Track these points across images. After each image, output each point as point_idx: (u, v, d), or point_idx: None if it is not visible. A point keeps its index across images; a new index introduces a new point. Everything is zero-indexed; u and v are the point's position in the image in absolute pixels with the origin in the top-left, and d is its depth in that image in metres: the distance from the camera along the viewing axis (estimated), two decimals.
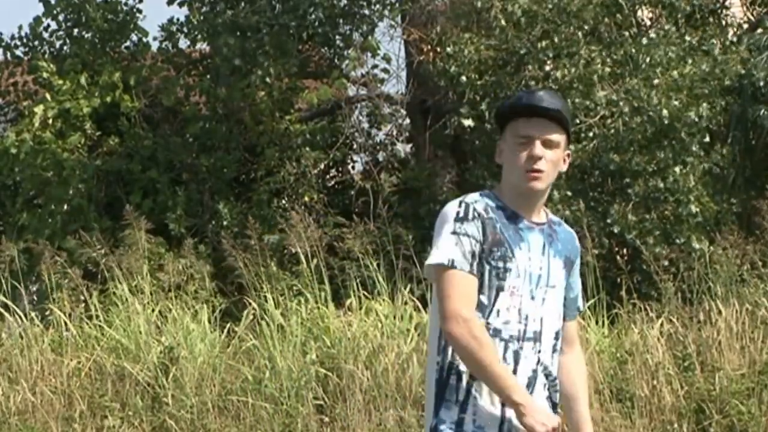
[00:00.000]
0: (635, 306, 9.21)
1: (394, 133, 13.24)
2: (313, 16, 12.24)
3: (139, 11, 13.53)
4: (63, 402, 9.29)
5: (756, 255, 9.43)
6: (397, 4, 12.40)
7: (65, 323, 9.84)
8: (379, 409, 8.71)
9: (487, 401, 3.73)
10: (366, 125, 13.15)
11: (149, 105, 12.97)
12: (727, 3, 12.56)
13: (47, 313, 10.12)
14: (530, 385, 3.76)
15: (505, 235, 3.75)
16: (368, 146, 13.09)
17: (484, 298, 3.74)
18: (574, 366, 4.00)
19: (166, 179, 12.43)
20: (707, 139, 11.10)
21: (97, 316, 9.86)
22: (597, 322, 9.24)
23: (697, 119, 10.84)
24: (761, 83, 11.19)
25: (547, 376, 3.82)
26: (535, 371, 3.78)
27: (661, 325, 8.95)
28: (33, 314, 10.05)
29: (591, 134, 10.99)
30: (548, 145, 3.76)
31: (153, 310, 9.73)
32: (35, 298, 11.32)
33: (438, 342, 3.77)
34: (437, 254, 3.73)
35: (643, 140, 10.90)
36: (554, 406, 3.86)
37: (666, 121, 10.72)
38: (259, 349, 9.29)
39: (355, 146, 13.13)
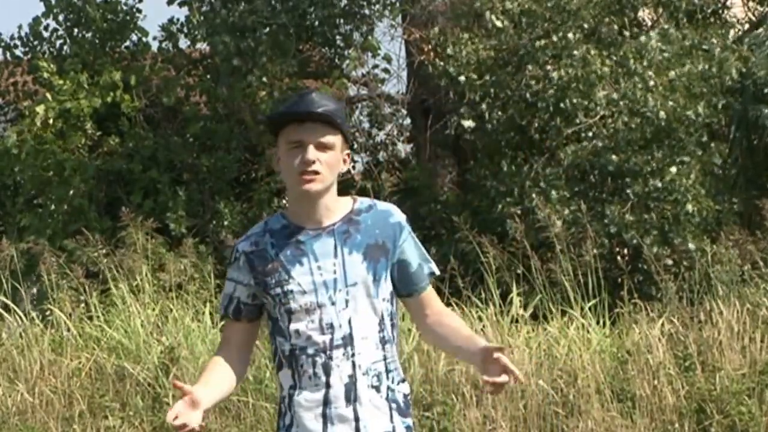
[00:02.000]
0: (636, 306, 9.21)
1: (395, 133, 13.23)
2: (313, 16, 12.24)
3: (139, 11, 13.54)
4: (63, 402, 9.28)
5: (757, 255, 9.43)
6: (397, 4, 12.41)
7: (65, 323, 9.84)
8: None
9: (308, 421, 3.79)
10: (366, 125, 13.15)
11: (150, 105, 12.97)
12: (728, 3, 12.57)
13: (47, 313, 10.12)
14: (350, 391, 3.77)
15: (281, 257, 3.80)
16: (369, 146, 13.09)
17: (282, 325, 3.82)
18: (444, 318, 3.95)
19: (166, 179, 12.43)
20: (705, 138, 11.11)
21: (98, 316, 9.85)
22: (598, 322, 9.23)
23: (695, 118, 10.84)
24: (762, 83, 11.19)
25: (377, 375, 3.83)
26: (352, 376, 3.78)
27: (662, 325, 8.95)
28: (33, 314, 10.04)
29: (590, 134, 10.99)
30: (321, 148, 3.77)
31: (153, 310, 9.73)
32: (35, 298, 11.31)
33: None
34: None
35: (642, 140, 10.90)
36: (406, 399, 3.88)
37: (663, 122, 10.72)
38: (259, 349, 9.28)
39: (355, 146, 13.13)
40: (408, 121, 13.15)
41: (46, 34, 13.52)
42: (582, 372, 8.56)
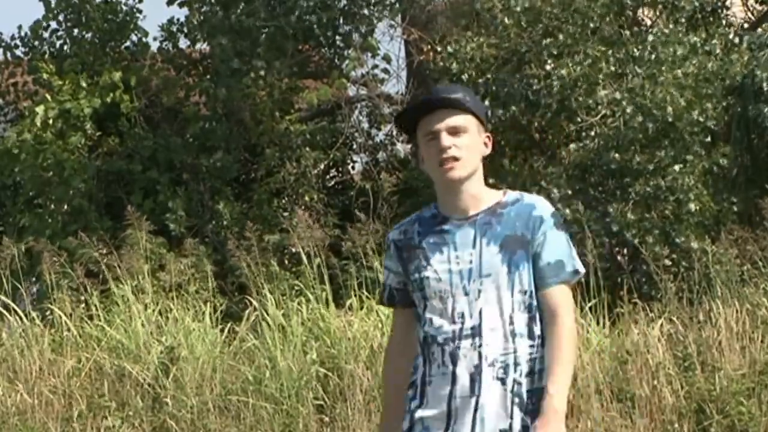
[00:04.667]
0: (636, 306, 9.21)
1: (394, 133, 13.23)
2: (312, 18, 12.23)
3: (139, 11, 13.54)
4: (63, 402, 9.28)
5: (757, 254, 9.42)
6: (397, 5, 12.40)
7: (65, 323, 9.83)
8: (379, 409, 8.71)
9: (435, 409, 3.84)
10: (366, 125, 13.15)
11: (149, 105, 12.97)
12: (727, 2, 12.56)
13: (47, 313, 10.11)
14: (474, 381, 3.79)
15: (424, 244, 3.88)
16: (368, 146, 13.09)
17: (419, 311, 3.91)
18: (550, 337, 3.85)
19: (166, 179, 12.42)
20: (708, 138, 11.09)
21: (98, 316, 9.85)
22: (598, 323, 9.23)
23: (701, 119, 10.82)
24: (764, 83, 11.18)
25: (504, 368, 3.81)
26: (478, 367, 3.80)
27: (662, 325, 8.95)
28: (33, 314, 10.04)
29: (592, 133, 10.98)
30: (455, 132, 3.84)
31: (154, 310, 9.73)
32: (35, 297, 11.31)
33: None
34: None
35: (645, 139, 10.89)
36: (533, 394, 3.84)
37: (670, 119, 10.70)
38: (259, 349, 9.28)
39: (355, 146, 13.13)
40: None
41: (46, 35, 13.52)
42: (581, 372, 8.55)
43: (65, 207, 12.32)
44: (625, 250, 10.88)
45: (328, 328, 9.30)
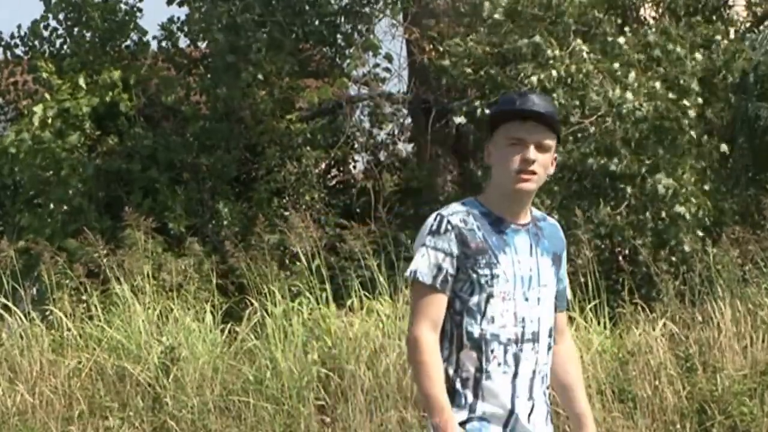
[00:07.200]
0: (637, 306, 9.20)
1: (396, 132, 13.20)
2: (312, 14, 12.21)
3: (139, 10, 13.52)
4: (63, 402, 9.27)
5: (758, 255, 9.41)
6: (398, 3, 12.38)
7: (65, 323, 9.82)
8: (380, 409, 8.70)
9: (497, 405, 3.84)
10: (367, 125, 13.13)
11: (149, 104, 12.95)
12: (730, 2, 12.54)
13: (47, 313, 10.10)
14: (531, 386, 3.87)
15: (489, 242, 3.83)
16: (369, 146, 13.07)
17: (474, 305, 3.83)
18: (568, 355, 4.06)
19: (166, 179, 12.41)
20: (700, 135, 11.05)
21: (98, 316, 9.84)
22: (599, 323, 9.22)
23: (691, 113, 10.78)
24: (764, 79, 11.17)
25: (544, 377, 3.93)
26: (534, 371, 3.87)
27: (663, 325, 8.95)
28: (33, 314, 10.02)
29: (586, 134, 10.95)
30: (540, 148, 3.82)
31: (154, 310, 9.72)
32: (35, 298, 11.30)
33: (441, 353, 3.85)
34: (410, 266, 3.87)
35: (637, 139, 10.85)
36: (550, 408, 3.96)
37: (660, 110, 10.66)
38: (260, 350, 9.27)
39: (356, 146, 13.11)
40: (409, 120, 13.12)
41: (46, 34, 13.51)
42: (583, 372, 8.53)
43: (64, 207, 12.31)
44: (627, 251, 10.86)
45: (328, 328, 9.30)
